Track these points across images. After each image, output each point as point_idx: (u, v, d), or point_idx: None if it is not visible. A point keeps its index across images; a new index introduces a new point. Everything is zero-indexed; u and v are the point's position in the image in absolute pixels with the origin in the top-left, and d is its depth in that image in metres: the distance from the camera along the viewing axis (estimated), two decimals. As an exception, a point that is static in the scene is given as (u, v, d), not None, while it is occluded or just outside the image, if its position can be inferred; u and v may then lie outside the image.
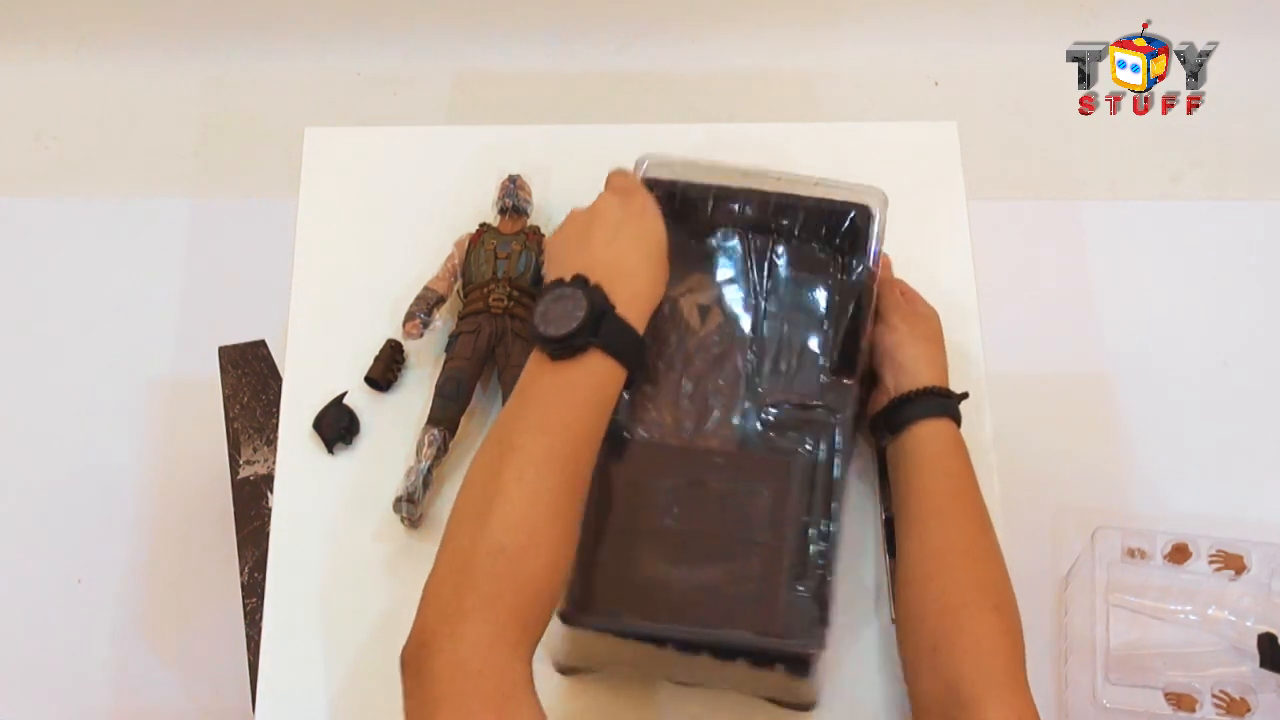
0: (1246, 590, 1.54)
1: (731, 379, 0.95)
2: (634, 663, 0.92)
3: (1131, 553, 1.57)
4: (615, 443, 0.91)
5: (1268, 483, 1.76)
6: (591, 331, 0.79)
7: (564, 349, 0.79)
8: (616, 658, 0.92)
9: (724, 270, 1.00)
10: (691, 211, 1.00)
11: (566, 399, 0.79)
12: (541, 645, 0.94)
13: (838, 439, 0.93)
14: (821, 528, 0.89)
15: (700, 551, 0.88)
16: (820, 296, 1.00)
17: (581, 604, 0.86)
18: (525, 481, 0.74)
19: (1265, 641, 1.49)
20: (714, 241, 1.01)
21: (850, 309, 0.97)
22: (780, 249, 1.01)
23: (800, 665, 0.87)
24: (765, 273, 1.01)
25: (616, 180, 0.92)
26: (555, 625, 0.89)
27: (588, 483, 0.79)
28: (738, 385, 0.95)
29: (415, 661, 0.69)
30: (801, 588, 0.87)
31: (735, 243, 1.02)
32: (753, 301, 1.00)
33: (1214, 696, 1.47)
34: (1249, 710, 1.46)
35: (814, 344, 0.97)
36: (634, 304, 0.82)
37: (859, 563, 1.00)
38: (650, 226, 0.88)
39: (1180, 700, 1.48)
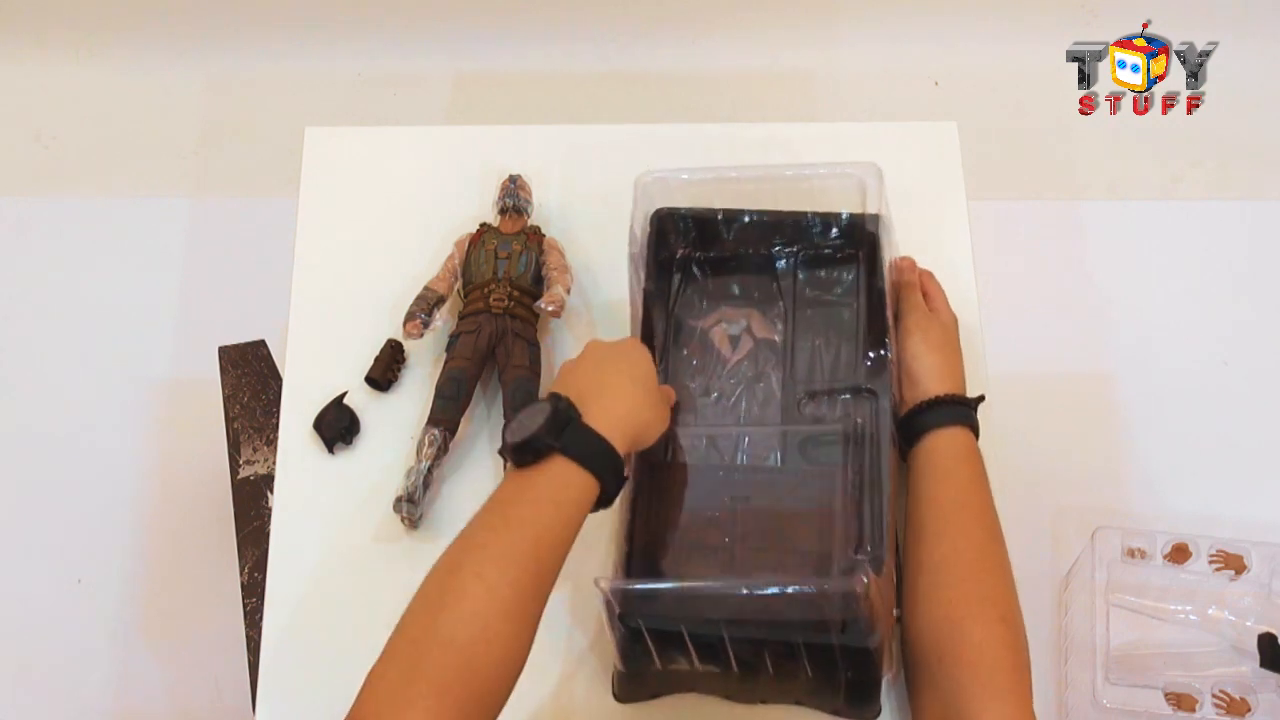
0: (1246, 590, 1.54)
1: (768, 400, 0.98)
2: (693, 683, 0.92)
3: (1131, 553, 1.56)
4: (658, 469, 0.94)
5: (1268, 483, 1.76)
6: (553, 436, 0.78)
7: (524, 453, 0.78)
8: (676, 678, 0.91)
9: (748, 297, 1.03)
10: (707, 235, 1.02)
11: (529, 500, 0.78)
12: (598, 678, 0.94)
13: (880, 419, 0.93)
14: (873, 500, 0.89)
15: (751, 564, 0.89)
16: (842, 297, 1.02)
17: (641, 610, 0.85)
18: (484, 577, 0.73)
19: (1265, 641, 1.49)
20: (735, 271, 1.04)
21: (867, 288, 0.99)
22: (798, 264, 1.03)
23: (864, 664, 0.85)
24: (789, 292, 1.03)
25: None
26: (612, 647, 0.89)
27: (552, 584, 0.77)
28: (774, 405, 0.97)
29: None
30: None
31: (755, 268, 1.04)
32: (780, 322, 1.02)
33: (1214, 696, 1.47)
34: (1249, 710, 1.46)
35: (845, 343, 0.99)
36: (606, 418, 0.81)
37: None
38: (637, 358, 0.88)
39: (1180, 700, 1.47)
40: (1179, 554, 1.56)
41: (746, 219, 1.02)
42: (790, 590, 0.81)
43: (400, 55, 2.14)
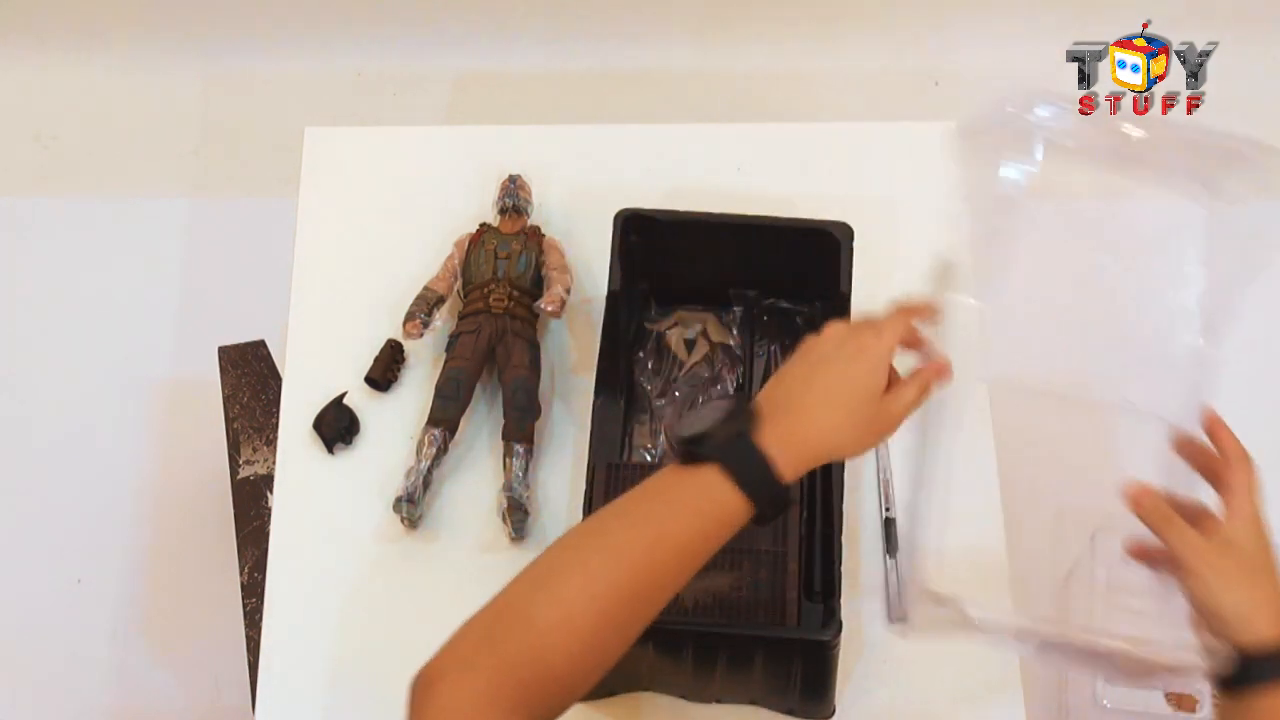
0: (1246, 590, 1.53)
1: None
2: (650, 679, 0.92)
3: (1132, 553, 1.56)
4: (614, 466, 0.94)
5: (1267, 483, 1.75)
6: (714, 445, 0.72)
7: (682, 451, 0.73)
8: (633, 673, 0.92)
9: (705, 300, 1.05)
10: (670, 237, 1.03)
11: (670, 499, 0.73)
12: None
13: None
14: (825, 528, 0.90)
15: (708, 561, 0.89)
16: (801, 304, 1.04)
17: None
18: (588, 566, 0.70)
19: (1265, 641, 1.49)
20: (693, 274, 1.05)
21: (827, 295, 0.99)
22: (759, 270, 1.05)
23: (818, 660, 0.87)
24: (745, 297, 1.06)
25: (891, 312, 0.83)
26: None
27: (664, 595, 0.72)
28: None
29: (417, 693, 0.67)
30: (812, 585, 0.89)
31: (713, 273, 1.05)
32: (736, 327, 1.04)
33: (1214, 697, 1.47)
34: (1249, 710, 1.45)
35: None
36: (785, 440, 0.73)
37: (859, 564, 1.00)
38: (858, 373, 0.77)
39: (1180, 700, 1.47)
40: (1179, 554, 1.56)
41: (710, 222, 1.03)
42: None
43: (400, 55, 2.14)
